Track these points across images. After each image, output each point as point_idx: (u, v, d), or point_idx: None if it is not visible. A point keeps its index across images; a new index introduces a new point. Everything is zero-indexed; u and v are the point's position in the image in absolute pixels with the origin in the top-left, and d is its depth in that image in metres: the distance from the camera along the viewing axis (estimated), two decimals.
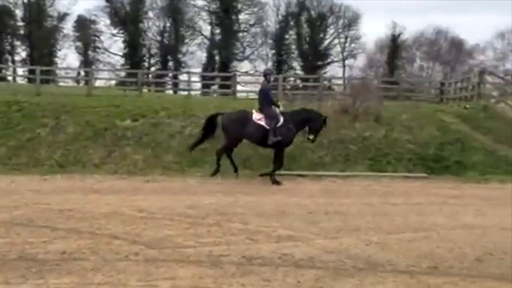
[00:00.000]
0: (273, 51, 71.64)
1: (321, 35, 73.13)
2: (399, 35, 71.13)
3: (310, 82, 41.26)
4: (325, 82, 40.10)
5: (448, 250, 8.46)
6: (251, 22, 72.76)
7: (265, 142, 16.92)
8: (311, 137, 17.53)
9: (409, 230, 10.05)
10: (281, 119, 16.93)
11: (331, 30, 74.27)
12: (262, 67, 67.87)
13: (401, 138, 21.14)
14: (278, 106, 17.32)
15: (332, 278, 6.86)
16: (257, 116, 16.91)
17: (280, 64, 69.47)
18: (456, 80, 35.97)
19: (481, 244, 8.86)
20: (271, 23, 72.55)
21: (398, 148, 20.58)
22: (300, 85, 44.32)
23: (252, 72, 66.06)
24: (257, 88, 20.58)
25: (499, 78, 39.05)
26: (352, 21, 73.81)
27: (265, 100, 17.17)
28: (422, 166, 19.72)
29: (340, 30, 74.28)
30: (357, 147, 20.30)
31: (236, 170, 17.35)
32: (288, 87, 40.35)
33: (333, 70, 71.81)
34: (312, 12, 72.54)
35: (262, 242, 8.86)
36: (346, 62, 74.48)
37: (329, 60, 74.67)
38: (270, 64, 69.20)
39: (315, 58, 71.03)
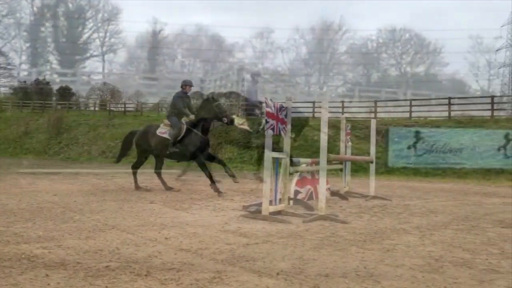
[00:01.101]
0: (27, 44, 68.68)
1: (80, 29, 71.39)
2: (160, 31, 71.45)
3: (68, 77, 39.93)
4: (84, 77, 39.01)
5: None
6: (4, 13, 69.29)
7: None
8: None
9: None
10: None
11: (90, 24, 72.81)
12: (16, 60, 65.17)
13: None
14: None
15: None
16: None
17: (35, 57, 66.77)
18: (216, 78, 36.63)
19: None
20: (26, 14, 69.61)
21: None
22: (57, 80, 42.81)
23: (4, 66, 62.78)
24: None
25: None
26: (112, 15, 72.93)
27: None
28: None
29: (99, 24, 73.01)
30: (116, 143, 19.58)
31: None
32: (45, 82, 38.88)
33: (93, 65, 70.62)
34: (70, 5, 70.64)
35: None
36: (106, 57, 73.47)
37: (88, 54, 73.16)
38: (24, 57, 66.41)
39: (73, 52, 69.06)
